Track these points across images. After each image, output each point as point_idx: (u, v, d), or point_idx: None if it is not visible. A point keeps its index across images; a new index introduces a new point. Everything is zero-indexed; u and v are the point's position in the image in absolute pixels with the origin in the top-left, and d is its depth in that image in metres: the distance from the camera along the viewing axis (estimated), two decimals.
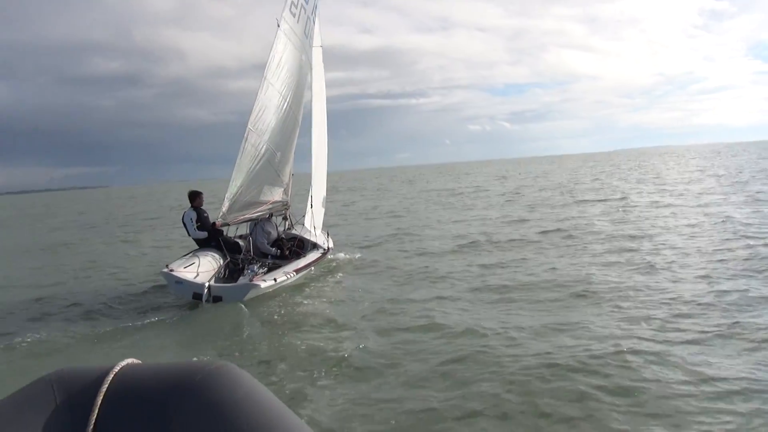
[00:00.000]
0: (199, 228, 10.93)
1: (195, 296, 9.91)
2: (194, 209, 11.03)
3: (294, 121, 11.70)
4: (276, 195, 12.38)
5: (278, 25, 10.30)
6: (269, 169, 11.33)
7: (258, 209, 11.77)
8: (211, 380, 1.02)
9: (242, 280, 10.61)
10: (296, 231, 13.23)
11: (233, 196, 10.69)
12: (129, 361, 1.12)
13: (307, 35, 11.43)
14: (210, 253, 10.99)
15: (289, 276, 10.76)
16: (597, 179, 44.96)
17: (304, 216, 13.66)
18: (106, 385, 1.05)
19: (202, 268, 10.49)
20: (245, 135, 10.39)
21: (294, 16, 10.75)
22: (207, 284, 9.91)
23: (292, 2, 10.62)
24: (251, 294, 9.97)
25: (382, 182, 76.43)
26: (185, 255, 10.99)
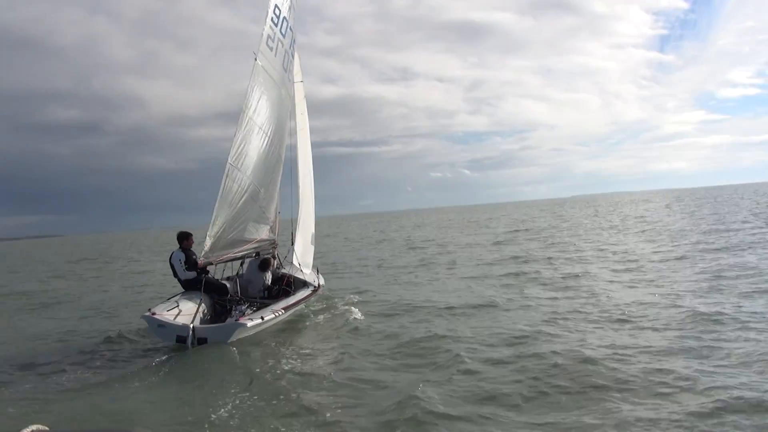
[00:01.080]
0: (188, 269, 10.58)
1: (179, 339, 9.44)
2: (183, 250, 10.70)
3: (277, 157, 11.48)
4: (262, 233, 12.04)
5: (255, 59, 10.20)
6: (253, 206, 11.03)
7: (243, 247, 11.40)
8: None
9: (229, 320, 10.20)
10: (285, 270, 12.86)
11: (216, 234, 10.33)
12: (35, 427, 1.04)
13: (285, 69, 11.32)
14: (196, 295, 10.59)
15: (277, 314, 10.33)
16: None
17: (292, 253, 13.31)
18: None
19: (186, 311, 10.07)
20: (226, 171, 10.12)
21: (271, 50, 10.64)
22: (191, 326, 9.48)
23: (269, 36, 10.53)
24: (237, 334, 9.50)
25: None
26: (169, 298, 10.58)
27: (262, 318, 9.83)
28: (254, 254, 12.24)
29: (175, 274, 10.84)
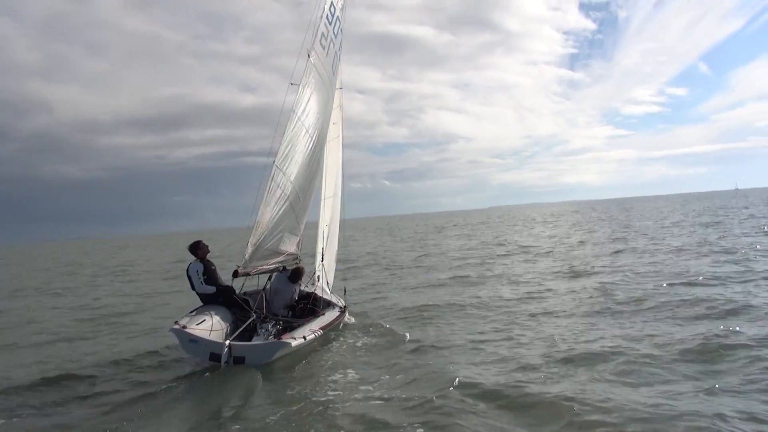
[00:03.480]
0: (206, 282, 9.70)
1: (213, 357, 8.51)
2: (200, 261, 9.83)
3: (317, 163, 10.67)
4: (292, 246, 11.19)
5: (308, 56, 9.53)
6: (291, 215, 10.19)
7: (276, 260, 10.54)
8: None
9: (257, 339, 9.33)
10: (308, 288, 12.03)
11: (257, 242, 9.48)
12: None
13: (333, 72, 10.66)
14: (220, 309, 9.70)
15: (316, 334, 9.54)
16: None
17: (314, 272, 12.47)
18: None
19: (215, 326, 9.19)
20: (271, 173, 9.32)
21: (324, 48, 9.97)
22: (228, 343, 8.57)
23: (323, 34, 9.87)
24: (279, 353, 8.66)
25: None
26: (193, 311, 9.65)
27: (304, 338, 9.00)
28: (281, 268, 11.42)
29: (193, 287, 9.96)
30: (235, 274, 9.61)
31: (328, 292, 12.21)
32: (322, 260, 12.23)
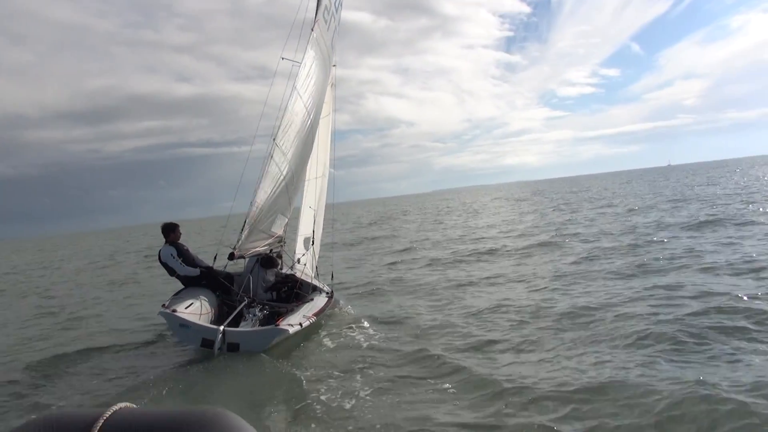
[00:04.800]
0: (185, 262, 9.22)
1: (205, 343, 8.06)
2: (172, 244, 9.32)
3: (312, 142, 10.28)
4: (280, 228, 10.76)
5: (312, 30, 9.12)
6: (284, 196, 9.77)
7: (268, 242, 10.12)
8: (208, 428, 0.97)
9: (245, 324, 8.92)
10: (290, 271, 11.64)
11: (252, 223, 9.05)
12: (123, 405, 1.07)
13: (333, 47, 10.30)
14: (206, 292, 9.25)
15: (310, 320, 9.20)
16: None
17: (297, 255, 12.06)
18: (97, 430, 1.00)
19: (202, 309, 8.73)
20: (270, 152, 8.88)
21: (326, 22, 9.55)
22: (221, 329, 8.09)
23: (326, 7, 9.45)
24: (277, 340, 8.28)
25: None
26: (177, 293, 9.11)
27: (300, 324, 8.66)
28: (269, 251, 10.98)
29: (171, 272, 9.42)
30: (231, 257, 9.16)
31: (311, 275, 11.86)
32: (312, 243, 11.82)
